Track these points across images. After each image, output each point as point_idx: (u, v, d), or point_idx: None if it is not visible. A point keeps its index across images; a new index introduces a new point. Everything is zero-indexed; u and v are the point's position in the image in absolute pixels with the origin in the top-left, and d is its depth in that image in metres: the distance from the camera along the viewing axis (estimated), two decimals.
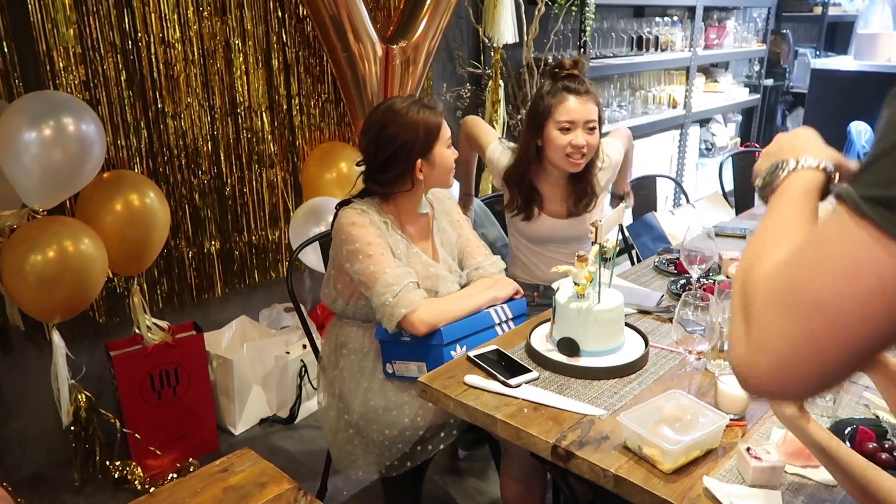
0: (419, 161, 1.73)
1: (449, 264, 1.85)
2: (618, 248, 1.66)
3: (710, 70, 5.30)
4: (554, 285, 1.66)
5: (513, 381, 1.44)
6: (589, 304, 1.51)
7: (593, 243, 1.53)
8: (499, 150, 2.17)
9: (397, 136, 1.71)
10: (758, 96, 5.63)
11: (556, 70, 2.01)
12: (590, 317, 1.50)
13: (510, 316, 1.81)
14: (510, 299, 1.83)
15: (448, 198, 1.97)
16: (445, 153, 1.77)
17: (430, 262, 1.79)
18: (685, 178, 4.90)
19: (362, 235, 1.68)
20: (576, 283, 1.52)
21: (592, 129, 1.98)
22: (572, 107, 1.95)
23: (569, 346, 1.52)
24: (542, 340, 1.62)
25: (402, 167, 1.73)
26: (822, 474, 1.16)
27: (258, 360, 2.68)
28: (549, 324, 1.64)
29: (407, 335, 1.66)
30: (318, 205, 2.59)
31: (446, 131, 1.77)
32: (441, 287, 1.77)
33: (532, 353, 1.56)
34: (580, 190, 2.10)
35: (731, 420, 1.28)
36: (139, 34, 2.33)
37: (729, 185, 3.61)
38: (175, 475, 2.37)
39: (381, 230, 1.71)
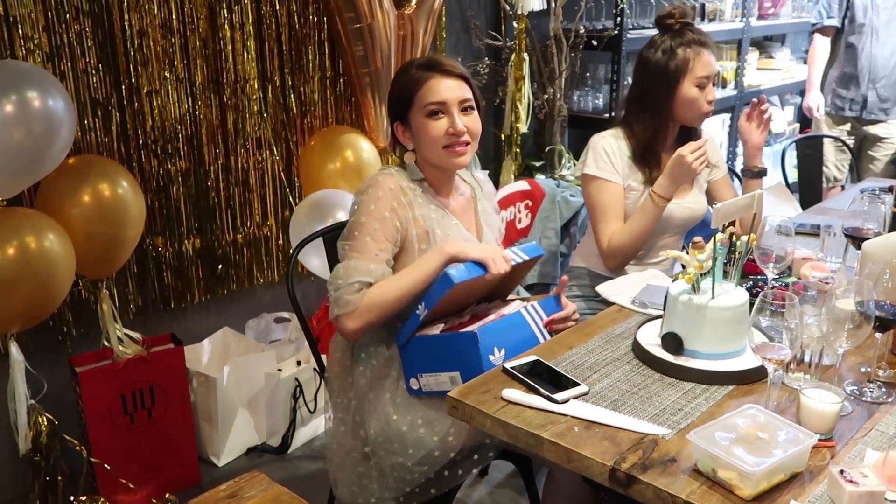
0: (396, 124, 1.82)
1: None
2: (749, 244, 1.63)
3: (764, 44, 5.32)
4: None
5: (559, 396, 1.44)
6: (699, 299, 1.55)
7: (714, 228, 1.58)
8: (608, 150, 2.22)
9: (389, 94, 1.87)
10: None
11: (669, 20, 2.17)
12: (697, 312, 1.54)
13: (545, 318, 1.81)
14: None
15: (488, 181, 2.05)
16: (422, 122, 1.75)
17: (471, 238, 1.84)
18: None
19: (365, 207, 1.71)
20: (683, 268, 1.58)
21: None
22: (709, 60, 2.16)
23: (672, 343, 1.57)
24: (653, 336, 1.68)
25: (391, 129, 1.86)
26: None
27: (245, 379, 2.68)
28: (658, 321, 1.72)
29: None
30: (325, 199, 2.59)
31: (428, 95, 1.74)
32: None
33: (640, 352, 1.63)
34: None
35: (818, 440, 1.28)
36: None
37: (791, 177, 3.62)
38: None
39: (400, 201, 1.73)
